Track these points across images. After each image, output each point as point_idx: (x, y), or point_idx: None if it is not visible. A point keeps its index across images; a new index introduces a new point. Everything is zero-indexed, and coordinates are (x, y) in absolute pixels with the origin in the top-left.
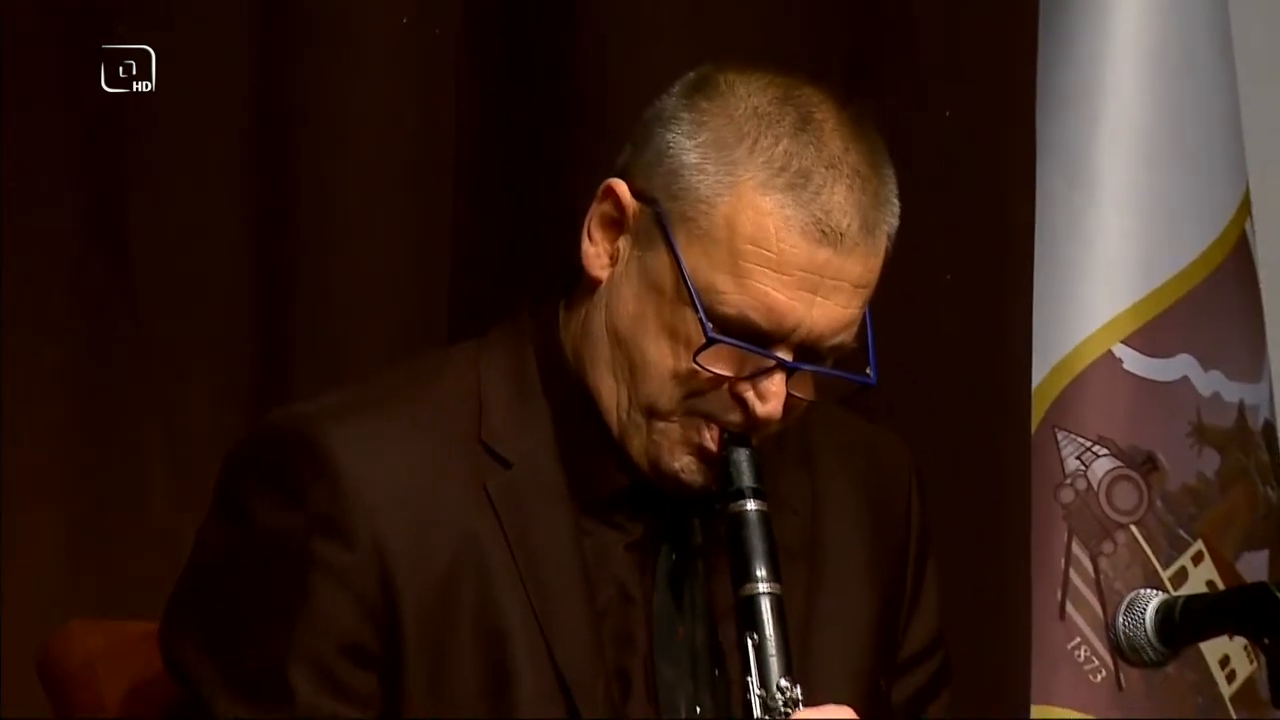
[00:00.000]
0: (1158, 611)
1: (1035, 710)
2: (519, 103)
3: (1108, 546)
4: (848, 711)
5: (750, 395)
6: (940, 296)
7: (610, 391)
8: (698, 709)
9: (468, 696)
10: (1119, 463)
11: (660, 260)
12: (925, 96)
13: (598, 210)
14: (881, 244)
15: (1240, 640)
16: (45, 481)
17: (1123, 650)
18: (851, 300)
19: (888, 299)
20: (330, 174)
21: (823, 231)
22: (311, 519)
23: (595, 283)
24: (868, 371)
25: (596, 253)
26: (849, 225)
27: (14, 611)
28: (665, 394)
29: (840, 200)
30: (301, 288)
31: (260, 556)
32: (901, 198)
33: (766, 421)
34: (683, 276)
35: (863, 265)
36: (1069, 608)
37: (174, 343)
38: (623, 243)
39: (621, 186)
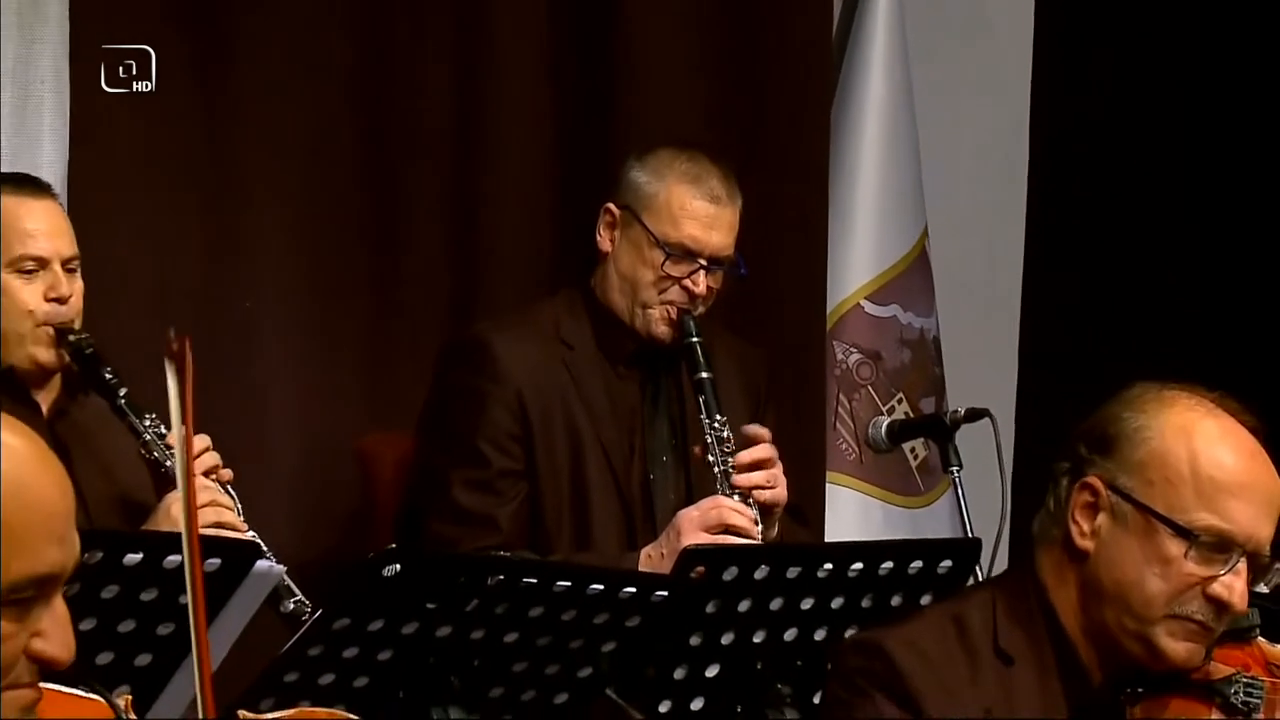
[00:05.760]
0: (883, 428)
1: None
2: (584, 140)
3: (857, 396)
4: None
5: (689, 284)
6: (777, 273)
7: (620, 302)
8: (664, 459)
9: (563, 463)
10: (863, 356)
11: (636, 231)
12: (769, 168)
13: (603, 217)
14: (738, 208)
15: (921, 439)
16: (350, 349)
17: (867, 444)
18: (730, 234)
19: (752, 278)
20: (495, 188)
21: (711, 198)
22: (485, 375)
23: (606, 254)
24: (741, 271)
25: (603, 237)
26: (723, 195)
27: (335, 428)
28: (648, 292)
29: (716, 184)
30: (476, 257)
31: (461, 395)
32: (757, 219)
33: (700, 297)
34: (649, 232)
35: (732, 216)
36: (838, 425)
37: (413, 283)
38: (616, 230)
39: (612, 205)
